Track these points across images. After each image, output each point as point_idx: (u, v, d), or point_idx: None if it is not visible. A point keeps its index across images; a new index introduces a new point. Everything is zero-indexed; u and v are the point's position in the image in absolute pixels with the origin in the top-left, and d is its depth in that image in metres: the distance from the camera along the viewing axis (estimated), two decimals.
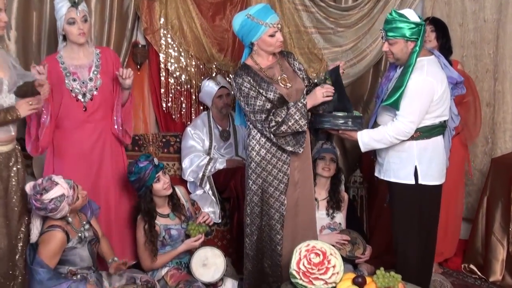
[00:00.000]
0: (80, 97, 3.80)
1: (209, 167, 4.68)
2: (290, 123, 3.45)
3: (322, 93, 3.49)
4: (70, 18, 3.72)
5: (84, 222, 3.51)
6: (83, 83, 3.82)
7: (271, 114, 3.46)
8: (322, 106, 3.61)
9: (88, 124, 3.84)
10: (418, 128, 3.53)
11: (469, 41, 5.04)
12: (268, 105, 3.48)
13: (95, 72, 3.85)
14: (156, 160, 3.87)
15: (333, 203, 4.39)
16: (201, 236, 3.88)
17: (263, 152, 3.59)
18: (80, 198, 3.41)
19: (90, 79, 3.84)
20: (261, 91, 3.49)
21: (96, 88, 3.84)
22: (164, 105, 5.03)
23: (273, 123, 3.46)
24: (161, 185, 3.84)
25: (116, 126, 3.91)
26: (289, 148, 3.53)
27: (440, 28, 4.42)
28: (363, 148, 3.62)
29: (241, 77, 3.53)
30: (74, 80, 3.81)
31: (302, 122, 3.46)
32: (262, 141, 3.58)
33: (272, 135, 3.49)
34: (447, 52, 4.36)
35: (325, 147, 4.43)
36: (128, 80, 3.81)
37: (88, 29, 3.83)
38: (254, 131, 3.60)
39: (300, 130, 3.49)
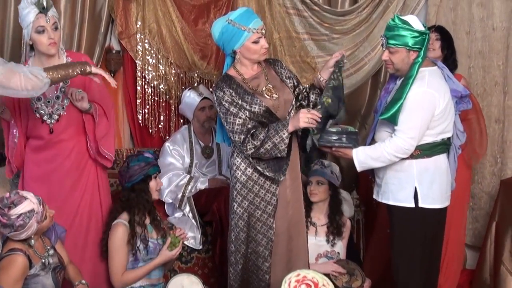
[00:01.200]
0: (45, 118, 3.74)
1: (190, 187, 4.70)
2: (268, 147, 3.45)
3: (307, 119, 3.45)
4: (39, 26, 3.60)
5: (48, 247, 3.49)
6: (49, 102, 3.73)
7: (250, 135, 3.47)
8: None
9: (56, 145, 3.79)
10: (418, 145, 3.57)
11: (476, 51, 5.09)
12: (249, 124, 3.49)
13: (63, 89, 3.76)
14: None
15: (334, 229, 4.39)
16: (179, 248, 3.89)
17: (249, 171, 3.59)
18: (48, 218, 3.41)
19: (57, 97, 3.75)
20: (244, 104, 3.51)
21: (63, 108, 3.76)
22: (140, 117, 5.07)
23: (251, 145, 3.46)
24: (155, 184, 3.97)
25: (92, 151, 3.83)
26: (269, 174, 3.54)
27: (446, 38, 4.48)
28: (358, 167, 3.64)
29: (222, 90, 3.53)
30: (39, 99, 3.71)
31: (281, 146, 3.45)
32: (248, 159, 3.58)
33: (251, 158, 3.52)
34: (452, 65, 4.39)
35: (313, 169, 4.47)
36: (80, 103, 3.70)
37: (59, 37, 3.72)
38: (238, 148, 3.61)
39: (279, 155, 3.49)
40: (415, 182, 3.62)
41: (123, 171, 3.98)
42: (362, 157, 3.60)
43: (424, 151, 3.60)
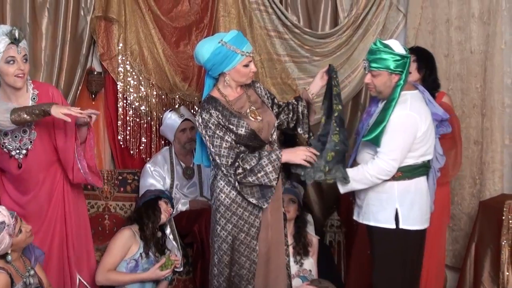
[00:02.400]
0: (13, 153, 3.68)
1: None
2: (259, 174, 3.45)
3: (305, 156, 3.50)
4: (9, 57, 3.54)
5: (29, 267, 3.48)
6: (16, 137, 3.67)
7: (239, 159, 3.46)
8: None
9: (27, 179, 3.74)
10: (400, 167, 3.61)
11: (455, 74, 5.15)
12: (236, 148, 3.48)
13: (30, 124, 3.67)
14: None
15: (300, 248, 4.41)
16: (170, 271, 4.08)
17: (233, 194, 3.57)
18: (23, 232, 3.37)
19: (24, 131, 3.67)
20: (231, 127, 3.50)
21: (31, 142, 3.69)
22: (121, 138, 5.06)
23: (240, 170, 3.45)
24: (166, 208, 4.27)
25: (81, 171, 3.77)
26: (253, 201, 3.53)
27: (422, 58, 4.45)
28: (342, 190, 3.67)
29: (208, 112, 3.51)
30: (6, 134, 3.64)
31: (272, 176, 3.46)
32: (231, 181, 3.56)
33: (237, 183, 3.50)
34: (433, 85, 4.41)
35: (285, 187, 4.48)
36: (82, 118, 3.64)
37: (28, 70, 3.65)
38: (221, 171, 3.58)
39: (269, 184, 3.48)
40: (396, 204, 3.66)
41: (138, 198, 4.37)
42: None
43: (406, 173, 3.64)
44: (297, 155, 3.49)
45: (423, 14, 5.28)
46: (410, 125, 3.56)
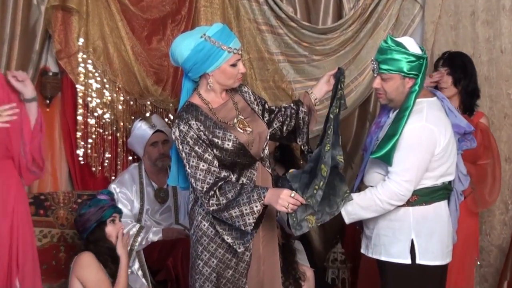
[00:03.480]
0: None
1: (139, 239, 4.67)
2: (233, 213, 3.35)
3: (286, 203, 3.34)
4: None
5: None
6: None
7: (216, 187, 3.38)
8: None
9: None
10: (416, 190, 3.57)
11: (482, 77, 5.13)
12: (217, 173, 3.40)
13: None
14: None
15: (290, 284, 4.39)
16: None
17: (218, 221, 3.50)
18: None
19: None
20: (215, 140, 3.43)
21: None
22: (80, 153, 5.04)
23: (215, 201, 3.37)
24: (116, 229, 4.07)
25: (23, 158, 3.73)
26: (228, 239, 3.46)
27: (457, 66, 4.47)
28: (347, 219, 3.63)
29: (187, 123, 3.43)
30: None
31: (248, 219, 3.34)
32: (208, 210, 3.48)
33: (210, 215, 3.46)
34: (472, 96, 4.47)
35: None
36: (24, 88, 3.63)
37: None
38: None
39: (243, 228, 3.38)
40: (411, 234, 3.62)
41: (76, 221, 4.12)
42: (350, 207, 3.58)
43: (422, 197, 3.61)
44: (277, 201, 3.36)
45: (444, 5, 5.31)
46: (427, 139, 3.53)
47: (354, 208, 3.59)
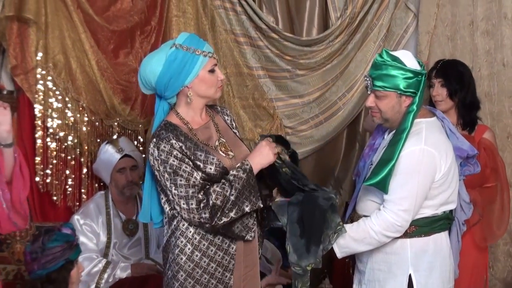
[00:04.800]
0: None
1: (106, 276, 4.64)
2: (239, 203, 3.38)
3: (273, 147, 3.47)
4: None
5: None
6: None
7: (210, 196, 3.36)
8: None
9: None
10: (414, 220, 3.55)
11: (482, 93, 5.13)
12: (204, 187, 3.40)
13: None
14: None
15: None
16: None
17: (196, 255, 3.49)
18: None
19: None
20: (197, 163, 3.43)
21: None
22: (39, 180, 5.02)
23: (217, 209, 3.35)
24: (77, 272, 3.93)
25: (4, 205, 3.63)
26: (239, 232, 3.50)
27: (452, 76, 4.44)
28: (339, 253, 3.60)
29: (169, 142, 3.40)
30: None
31: (253, 196, 3.41)
32: (195, 238, 3.48)
33: (216, 227, 3.41)
34: (470, 109, 4.42)
35: None
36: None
37: None
38: (183, 224, 3.50)
39: (255, 207, 3.44)
40: (409, 268, 3.60)
41: (35, 253, 3.88)
42: (343, 240, 3.55)
43: (421, 227, 3.60)
44: (267, 154, 3.47)
45: (440, 14, 5.33)
46: (427, 164, 3.51)
47: (346, 241, 3.56)
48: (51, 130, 5.02)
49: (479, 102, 4.54)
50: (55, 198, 5.06)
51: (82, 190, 5.12)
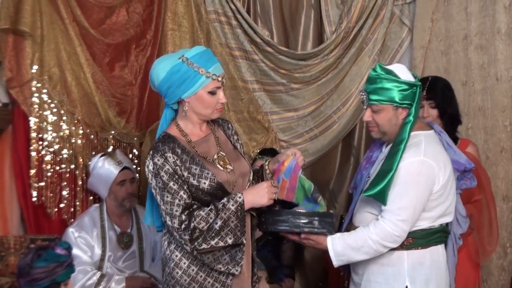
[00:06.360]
0: None
1: None
2: (222, 232, 3.35)
3: (272, 192, 3.44)
4: None
5: None
6: None
7: (193, 218, 3.35)
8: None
9: None
10: (411, 232, 3.57)
11: (476, 107, 5.18)
12: (191, 207, 3.39)
13: None
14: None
15: None
16: None
17: (193, 270, 3.48)
18: None
19: None
20: (190, 178, 3.41)
21: None
22: (34, 193, 4.99)
23: (197, 233, 3.34)
24: None
25: None
26: (220, 267, 3.44)
27: (443, 98, 4.41)
28: (335, 261, 3.60)
29: (163, 156, 3.42)
30: None
31: (238, 230, 3.38)
32: (187, 249, 3.43)
33: (195, 251, 3.38)
34: (457, 123, 4.42)
35: None
36: None
37: None
38: None
39: (238, 242, 3.40)
40: (406, 281, 3.62)
41: (23, 269, 3.80)
42: (340, 247, 3.57)
43: (418, 239, 3.61)
44: (264, 195, 3.43)
45: (434, 28, 5.35)
46: (426, 175, 3.54)
47: (344, 249, 3.58)
48: (46, 143, 5.00)
49: (460, 115, 4.52)
50: (49, 210, 5.03)
51: (77, 203, 5.10)
